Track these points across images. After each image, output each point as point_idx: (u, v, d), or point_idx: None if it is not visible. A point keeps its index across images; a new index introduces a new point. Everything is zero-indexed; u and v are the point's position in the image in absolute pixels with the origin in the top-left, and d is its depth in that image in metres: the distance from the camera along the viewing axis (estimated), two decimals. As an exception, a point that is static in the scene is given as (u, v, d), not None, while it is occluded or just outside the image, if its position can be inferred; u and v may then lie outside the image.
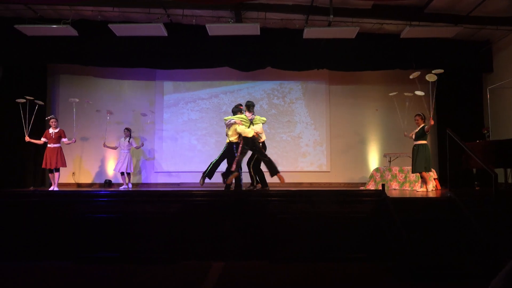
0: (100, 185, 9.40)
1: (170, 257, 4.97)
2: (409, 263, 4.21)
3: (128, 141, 8.81)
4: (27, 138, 7.51)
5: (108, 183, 9.33)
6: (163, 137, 9.68)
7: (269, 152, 9.62)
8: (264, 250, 5.07)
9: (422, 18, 7.72)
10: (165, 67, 9.16)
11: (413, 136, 6.82)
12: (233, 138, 6.66)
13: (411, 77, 6.96)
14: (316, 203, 5.22)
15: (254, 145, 6.50)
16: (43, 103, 8.03)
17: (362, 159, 9.59)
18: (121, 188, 8.57)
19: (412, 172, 6.79)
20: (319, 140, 9.69)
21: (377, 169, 8.51)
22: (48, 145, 7.61)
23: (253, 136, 6.49)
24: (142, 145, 8.98)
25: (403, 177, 7.92)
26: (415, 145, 6.78)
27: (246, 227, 5.17)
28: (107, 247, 5.06)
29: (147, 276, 4.36)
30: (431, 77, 6.55)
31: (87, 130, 9.51)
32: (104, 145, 8.68)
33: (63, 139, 7.77)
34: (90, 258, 4.98)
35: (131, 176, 8.91)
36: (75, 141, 8.07)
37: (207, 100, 9.80)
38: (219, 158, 6.81)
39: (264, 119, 6.82)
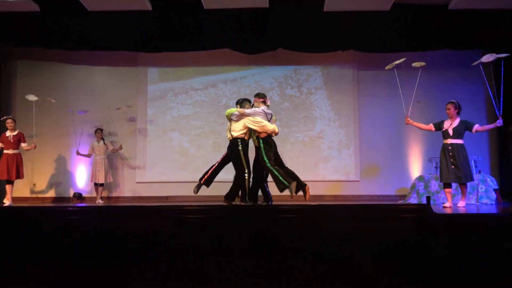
0: (68, 199, 9.49)
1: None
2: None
3: (104, 144, 8.87)
4: None
5: (78, 196, 9.40)
6: (147, 139, 9.71)
7: (281, 156, 9.64)
8: (274, 279, 5.02)
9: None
10: (149, 49, 9.20)
11: (450, 132, 6.70)
12: (241, 133, 6.73)
13: (413, 65, 7.13)
14: (342, 222, 5.16)
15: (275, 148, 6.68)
16: None
17: (400, 165, 9.55)
18: (99, 202, 8.76)
19: (448, 181, 6.65)
20: (345, 141, 9.65)
21: (420, 178, 8.44)
22: (5, 151, 7.69)
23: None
24: (121, 147, 9.04)
25: (455, 187, 7.85)
26: (450, 145, 6.67)
27: (251, 252, 5.13)
28: (77, 277, 5.04)
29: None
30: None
31: (51, 131, 9.58)
32: (78, 153, 8.80)
33: (22, 144, 7.82)
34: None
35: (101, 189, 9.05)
36: (35, 147, 8.13)
37: (202, 91, 9.82)
38: (221, 161, 6.78)
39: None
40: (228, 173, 9.65)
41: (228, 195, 6.80)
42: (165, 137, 9.72)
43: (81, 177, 9.61)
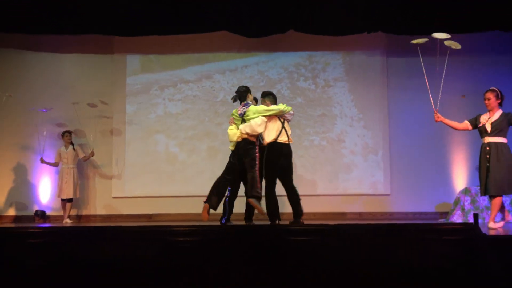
0: (29, 218, 9.44)
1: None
2: None
3: (73, 150, 8.88)
4: None
5: (41, 214, 9.38)
6: (126, 143, 9.72)
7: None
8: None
9: None
10: (129, 32, 9.22)
11: (488, 128, 6.57)
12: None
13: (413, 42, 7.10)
14: (368, 245, 5.15)
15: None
16: None
17: (441, 175, 9.53)
18: (67, 222, 8.76)
19: (486, 194, 6.58)
20: (372, 145, 9.66)
21: (465, 191, 8.41)
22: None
23: None
24: (93, 154, 9.08)
25: (508, 202, 7.82)
26: (488, 144, 6.57)
27: (257, 284, 5.13)
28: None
29: None
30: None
31: (8, 133, 9.64)
32: (43, 161, 8.84)
33: None
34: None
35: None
36: None
37: (194, 84, 9.85)
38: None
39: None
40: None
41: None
42: (149, 141, 9.73)
43: (45, 191, 9.61)
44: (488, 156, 6.50)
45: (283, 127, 7.08)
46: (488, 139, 6.55)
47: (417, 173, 9.56)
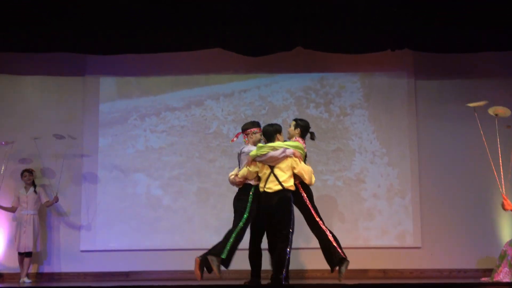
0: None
1: None
2: None
3: (34, 193, 8.86)
4: None
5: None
6: (98, 184, 9.71)
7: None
8: None
9: None
10: (104, 50, 9.27)
11: None
12: (290, 184, 7.06)
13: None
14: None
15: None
16: None
17: (483, 224, 9.50)
18: (24, 281, 8.69)
19: None
20: (399, 187, 9.66)
21: (513, 243, 8.33)
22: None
23: None
24: (57, 200, 9.03)
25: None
26: None
27: None
28: None
29: None
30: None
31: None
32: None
33: None
34: None
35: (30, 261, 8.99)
36: None
37: (181, 112, 9.91)
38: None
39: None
40: (219, 236, 9.56)
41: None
42: (126, 182, 9.72)
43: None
44: None
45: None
46: None
47: (453, 221, 9.55)
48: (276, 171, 6.92)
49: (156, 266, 9.37)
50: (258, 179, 7.13)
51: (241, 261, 7.29)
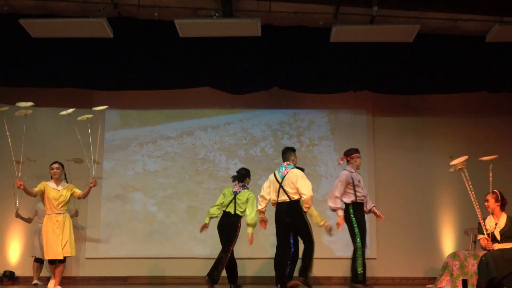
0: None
1: None
2: None
3: None
4: None
5: (9, 275, 9.18)
6: (101, 201, 9.64)
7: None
8: None
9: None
10: (109, 86, 9.28)
11: (498, 236, 6.38)
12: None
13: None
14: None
15: None
16: None
17: (429, 239, 9.53)
18: (37, 284, 8.52)
19: None
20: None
21: (453, 255, 8.27)
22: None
23: None
24: (77, 214, 8.86)
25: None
26: (497, 251, 6.33)
27: None
28: None
29: None
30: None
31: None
32: (18, 215, 8.55)
33: None
34: None
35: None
36: None
37: (175, 140, 9.91)
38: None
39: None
40: (205, 247, 9.51)
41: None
42: (126, 199, 9.68)
43: (14, 251, 9.46)
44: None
45: None
46: (497, 246, 6.39)
47: (404, 236, 9.55)
48: None
49: (151, 272, 9.35)
50: None
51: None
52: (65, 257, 7.15)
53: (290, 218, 6.94)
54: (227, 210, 7.62)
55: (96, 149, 7.93)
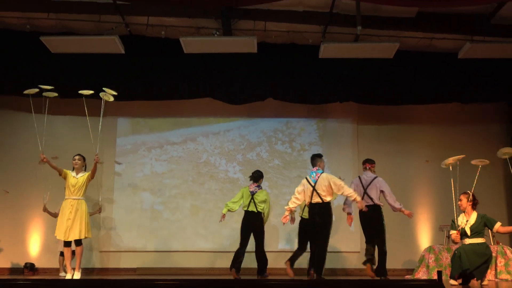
0: (19, 270, 9.28)
1: None
2: None
3: None
4: None
5: (30, 267, 9.20)
6: (113, 199, 9.67)
7: (270, 222, 9.57)
8: None
9: (488, 31, 7.99)
10: (120, 97, 9.07)
11: (468, 231, 6.46)
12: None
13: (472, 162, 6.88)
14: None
15: None
16: None
17: (407, 234, 9.55)
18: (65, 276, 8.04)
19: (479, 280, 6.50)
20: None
21: (429, 249, 8.41)
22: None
23: None
24: (100, 210, 8.74)
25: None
26: (466, 245, 6.46)
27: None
28: None
29: None
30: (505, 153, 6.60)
31: (7, 177, 9.62)
32: (45, 210, 8.43)
33: None
34: None
35: None
36: None
37: (179, 146, 9.91)
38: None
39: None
40: (207, 242, 9.58)
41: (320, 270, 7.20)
42: (135, 198, 9.68)
43: (35, 245, 9.47)
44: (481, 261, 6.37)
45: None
46: (468, 241, 6.49)
47: (386, 233, 9.53)
48: None
49: (157, 264, 9.36)
50: None
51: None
52: (80, 241, 6.99)
53: (321, 218, 7.03)
54: (249, 209, 7.89)
55: (97, 140, 7.77)
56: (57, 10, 8.04)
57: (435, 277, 5.41)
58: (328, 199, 7.07)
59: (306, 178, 7.29)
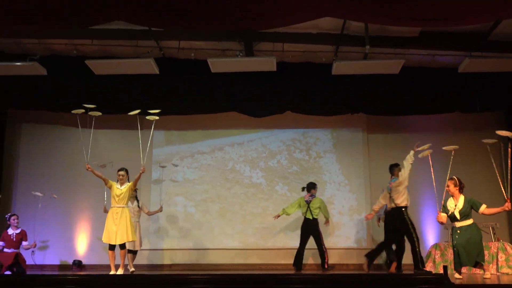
0: (67, 267, 9.34)
1: None
2: None
3: (138, 206, 8.36)
4: None
5: (78, 264, 9.27)
6: (151, 204, 9.61)
7: (291, 222, 9.53)
8: None
9: (485, 47, 7.88)
10: (157, 113, 9.31)
11: (457, 215, 6.38)
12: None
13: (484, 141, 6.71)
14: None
15: None
16: None
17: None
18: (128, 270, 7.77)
19: (474, 266, 6.44)
20: (357, 206, 9.61)
21: (436, 246, 8.33)
22: (6, 250, 7.92)
23: None
24: (161, 210, 8.81)
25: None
26: (458, 228, 6.38)
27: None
28: None
29: None
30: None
31: (59, 184, 9.63)
32: (105, 211, 8.03)
33: (24, 243, 8.06)
34: None
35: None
36: (35, 246, 8.34)
37: (208, 155, 9.92)
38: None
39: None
40: (233, 240, 9.53)
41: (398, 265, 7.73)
42: (169, 202, 9.65)
43: (82, 243, 9.55)
44: (466, 239, 6.31)
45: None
46: (458, 224, 6.41)
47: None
48: None
49: (190, 260, 9.42)
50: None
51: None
52: (124, 245, 7.01)
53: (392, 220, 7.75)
54: (306, 216, 8.48)
55: (145, 153, 7.78)
56: (100, 37, 8.14)
57: (441, 271, 5.37)
58: (402, 204, 7.63)
59: (388, 187, 7.87)
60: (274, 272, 7.62)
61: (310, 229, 8.43)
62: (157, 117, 7.68)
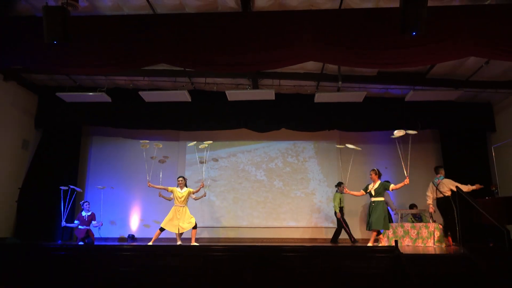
0: (123, 239, 9.37)
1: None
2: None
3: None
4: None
5: (132, 237, 9.27)
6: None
7: (283, 207, 9.50)
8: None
9: (425, 82, 7.93)
10: (189, 128, 9.41)
11: (373, 193, 6.70)
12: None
13: (394, 135, 6.82)
14: (331, 260, 5.09)
15: None
16: (81, 190, 8.58)
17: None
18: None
19: (368, 229, 6.68)
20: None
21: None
22: (80, 227, 7.92)
23: None
24: (205, 195, 7.74)
25: (415, 233, 7.69)
26: (373, 202, 6.71)
27: (265, 282, 5.04)
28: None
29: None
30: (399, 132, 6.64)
31: (118, 179, 9.66)
32: (160, 195, 7.66)
33: (93, 222, 8.04)
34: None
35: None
36: (102, 225, 8.28)
37: (225, 159, 9.92)
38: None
39: None
40: (243, 220, 9.44)
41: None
42: (198, 193, 9.42)
43: (135, 221, 9.52)
44: (375, 208, 6.64)
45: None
46: (373, 199, 6.75)
47: (360, 214, 9.47)
48: None
49: (212, 235, 9.36)
50: None
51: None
52: (196, 225, 7.07)
53: (444, 206, 7.24)
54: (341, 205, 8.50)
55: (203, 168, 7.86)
56: (149, 75, 8.22)
57: (393, 244, 5.40)
58: (446, 194, 7.17)
59: (433, 182, 7.47)
60: (273, 244, 7.59)
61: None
62: (207, 145, 7.67)
